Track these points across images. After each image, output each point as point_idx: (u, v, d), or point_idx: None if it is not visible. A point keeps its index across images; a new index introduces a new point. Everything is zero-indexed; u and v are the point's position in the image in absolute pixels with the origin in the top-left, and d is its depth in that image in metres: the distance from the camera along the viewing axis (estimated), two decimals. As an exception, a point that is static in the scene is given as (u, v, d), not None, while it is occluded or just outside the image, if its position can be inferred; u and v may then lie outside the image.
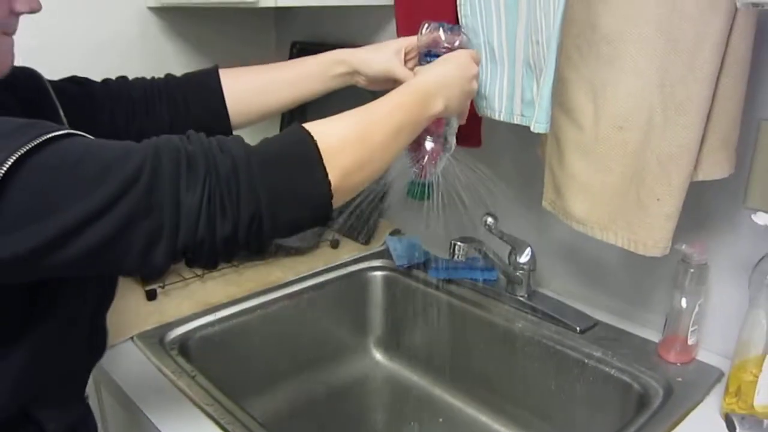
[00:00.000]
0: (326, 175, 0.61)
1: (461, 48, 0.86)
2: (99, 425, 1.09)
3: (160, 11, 1.41)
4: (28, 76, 0.75)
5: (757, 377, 0.82)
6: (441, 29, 0.87)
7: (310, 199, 0.62)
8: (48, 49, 0.69)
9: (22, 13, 0.63)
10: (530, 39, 0.86)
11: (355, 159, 0.64)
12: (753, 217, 0.81)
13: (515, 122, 0.93)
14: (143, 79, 0.88)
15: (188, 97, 0.87)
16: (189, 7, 1.43)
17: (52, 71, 0.79)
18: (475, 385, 1.18)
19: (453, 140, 0.91)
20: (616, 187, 0.85)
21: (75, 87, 0.81)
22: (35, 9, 0.64)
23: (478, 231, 1.11)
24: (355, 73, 0.91)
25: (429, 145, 0.88)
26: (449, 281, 1.22)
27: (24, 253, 0.50)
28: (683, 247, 0.92)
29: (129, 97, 0.85)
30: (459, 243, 1.05)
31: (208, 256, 0.58)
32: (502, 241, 1.13)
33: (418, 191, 0.90)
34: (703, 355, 0.98)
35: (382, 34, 1.38)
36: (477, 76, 0.83)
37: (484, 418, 1.17)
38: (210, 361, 1.07)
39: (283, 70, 0.91)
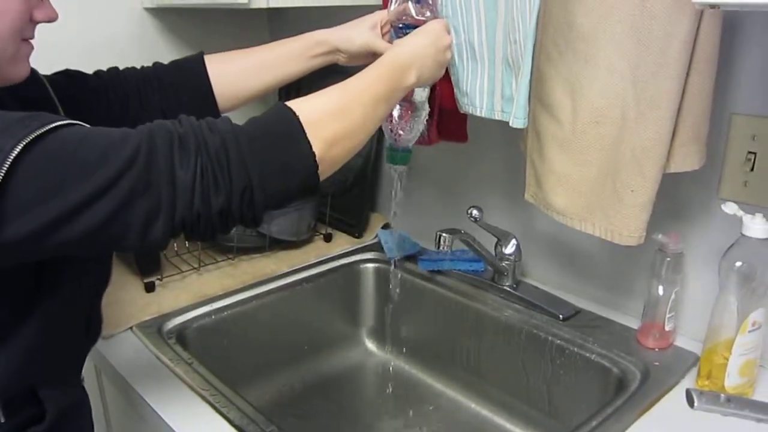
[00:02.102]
0: (310, 146, 0.65)
1: (433, 18, 0.88)
2: (100, 411, 1.13)
3: (156, 12, 1.44)
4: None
5: (728, 360, 0.87)
6: (409, 2, 0.89)
7: (297, 169, 0.66)
8: (44, 50, 0.71)
9: (41, 21, 0.67)
10: (508, 38, 0.89)
11: (336, 130, 0.68)
12: (723, 207, 0.85)
13: (496, 118, 0.96)
14: (134, 69, 0.92)
15: (177, 84, 0.91)
16: (184, 8, 1.46)
17: (48, 72, 0.82)
18: (464, 372, 1.22)
19: (426, 106, 0.93)
20: (593, 180, 0.89)
21: (69, 80, 0.85)
22: (53, 18, 0.68)
23: (466, 223, 1.14)
24: (336, 51, 0.95)
25: (396, 111, 0.93)
26: (438, 272, 1.26)
27: (31, 232, 0.54)
28: (659, 236, 0.96)
29: (122, 87, 0.88)
30: (444, 234, 1.08)
31: (205, 229, 0.62)
32: (488, 233, 1.16)
33: (395, 156, 0.96)
34: (680, 341, 1.02)
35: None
36: (450, 46, 0.86)
37: (472, 405, 1.21)
38: (206, 349, 1.11)
39: (265, 53, 0.94)
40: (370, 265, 1.36)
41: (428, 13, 0.89)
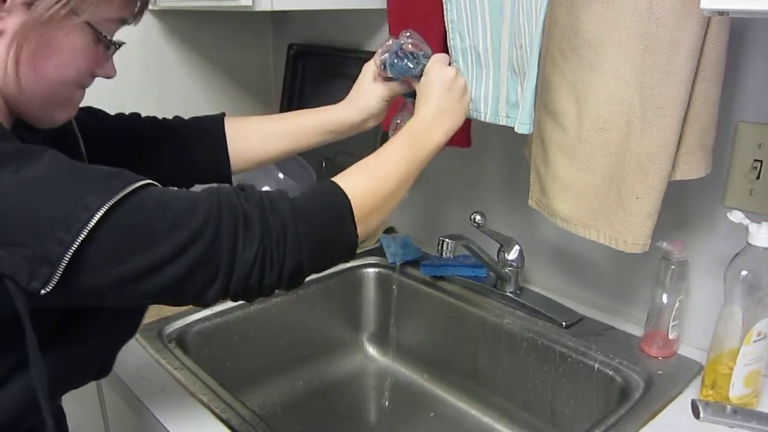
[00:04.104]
0: (356, 227, 0.70)
1: (415, 48, 0.88)
2: (99, 415, 1.13)
3: (160, 14, 1.44)
4: None
5: (732, 370, 0.86)
6: (395, 55, 0.88)
7: (343, 249, 0.71)
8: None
9: (99, 76, 0.70)
10: (514, 43, 0.89)
11: (374, 208, 0.73)
12: (728, 215, 0.84)
13: (501, 124, 0.96)
14: (154, 118, 0.93)
15: (193, 141, 0.91)
16: (188, 10, 1.46)
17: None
18: (466, 379, 1.21)
19: None
20: (598, 186, 0.88)
21: (92, 118, 0.86)
22: (111, 76, 0.71)
23: (468, 228, 1.14)
24: (368, 119, 0.95)
25: (401, 120, 0.94)
26: (440, 278, 1.26)
27: (99, 288, 0.58)
28: (664, 244, 0.95)
29: (140, 135, 0.89)
30: (447, 240, 1.07)
31: (254, 296, 0.66)
32: (491, 239, 1.16)
33: None
34: (684, 350, 1.01)
35: (376, 36, 1.41)
36: (458, 72, 0.86)
37: (474, 412, 1.20)
38: (206, 354, 1.10)
39: (283, 122, 0.96)
40: (372, 270, 1.36)
41: (422, 53, 0.88)
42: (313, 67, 1.58)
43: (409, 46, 0.88)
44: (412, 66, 0.88)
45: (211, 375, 0.96)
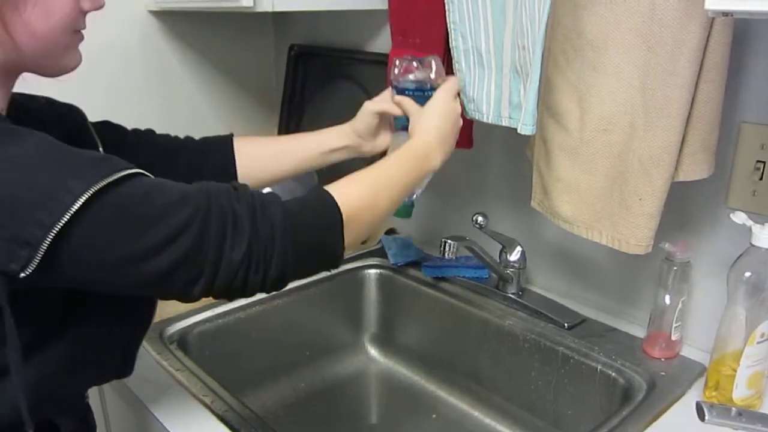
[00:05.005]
0: (344, 241, 0.70)
1: (436, 75, 0.92)
2: (101, 416, 1.13)
3: (160, 15, 1.43)
4: (75, 112, 0.82)
5: (736, 371, 0.86)
6: (414, 63, 0.92)
7: (328, 259, 0.71)
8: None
9: (89, 10, 0.69)
10: (517, 44, 0.88)
11: (365, 222, 0.74)
12: (731, 216, 0.84)
13: (503, 125, 0.95)
14: (167, 135, 0.95)
15: (203, 160, 0.93)
16: (188, 11, 1.46)
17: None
18: (468, 380, 1.21)
19: None
20: (601, 188, 0.88)
21: (109, 130, 0.87)
22: (99, 6, 0.70)
23: (470, 230, 1.14)
24: (362, 142, 0.97)
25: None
26: (442, 279, 1.25)
27: (84, 273, 0.58)
28: (666, 245, 0.95)
29: (153, 149, 0.90)
30: (449, 241, 1.07)
31: (237, 297, 0.66)
32: (493, 240, 1.15)
33: (401, 210, 0.98)
34: (687, 351, 1.01)
35: (377, 37, 1.41)
36: (461, 108, 0.91)
37: (476, 413, 1.19)
38: (208, 355, 1.10)
39: (289, 143, 0.99)
40: (373, 271, 1.35)
41: (433, 75, 0.92)
42: (315, 68, 1.58)
43: (432, 71, 0.93)
44: (425, 88, 0.92)
45: (212, 376, 0.96)
